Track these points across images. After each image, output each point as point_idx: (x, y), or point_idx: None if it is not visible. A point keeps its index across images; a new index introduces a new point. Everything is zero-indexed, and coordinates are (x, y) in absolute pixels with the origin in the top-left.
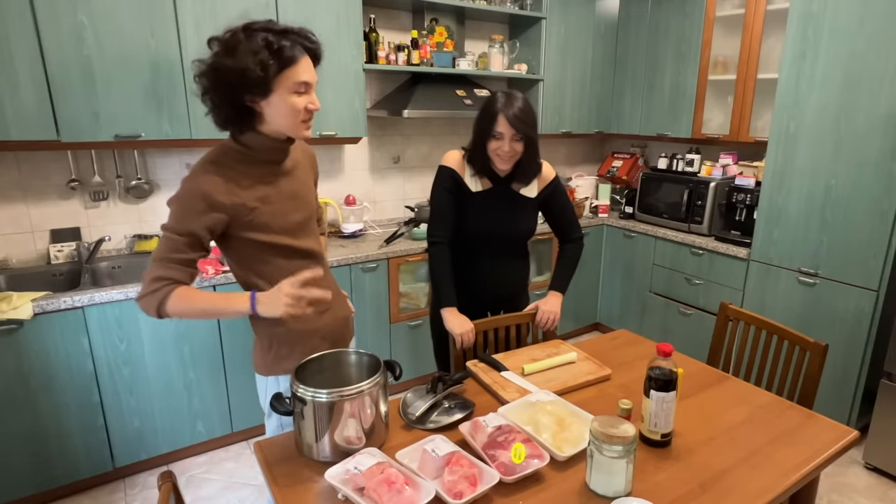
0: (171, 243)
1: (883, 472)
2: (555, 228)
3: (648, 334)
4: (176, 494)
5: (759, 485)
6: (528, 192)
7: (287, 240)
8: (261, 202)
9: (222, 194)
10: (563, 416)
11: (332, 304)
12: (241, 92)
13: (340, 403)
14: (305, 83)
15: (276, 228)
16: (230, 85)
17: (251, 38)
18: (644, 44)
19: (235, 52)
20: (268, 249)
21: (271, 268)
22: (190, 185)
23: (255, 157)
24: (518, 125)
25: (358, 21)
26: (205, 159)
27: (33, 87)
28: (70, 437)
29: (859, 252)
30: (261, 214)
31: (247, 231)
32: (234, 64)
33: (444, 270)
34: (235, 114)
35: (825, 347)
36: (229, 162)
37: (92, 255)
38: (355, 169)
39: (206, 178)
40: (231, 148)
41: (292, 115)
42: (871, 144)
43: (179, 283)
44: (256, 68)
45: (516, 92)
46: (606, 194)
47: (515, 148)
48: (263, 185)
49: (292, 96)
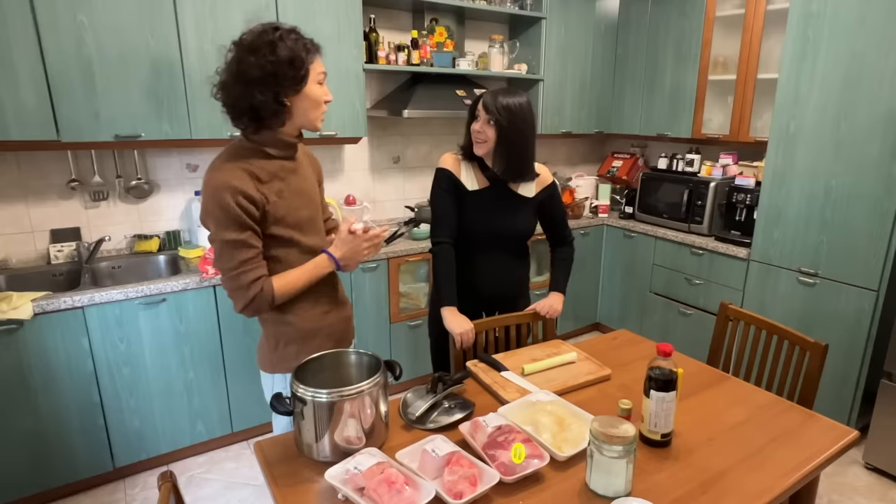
0: (234, 247)
1: (883, 472)
2: (548, 231)
3: (648, 334)
4: (176, 494)
5: (759, 485)
6: (526, 192)
7: (297, 235)
8: (278, 196)
9: (250, 187)
10: (563, 416)
11: (338, 302)
12: (281, 86)
13: (340, 403)
14: (324, 73)
15: (290, 222)
16: (272, 80)
17: (284, 37)
18: (644, 44)
19: (276, 48)
20: (281, 244)
21: (284, 265)
22: (217, 184)
23: (269, 153)
24: (491, 108)
25: (358, 21)
26: (221, 159)
27: (33, 87)
28: (70, 437)
29: (859, 252)
30: (278, 208)
31: (268, 225)
32: (280, 57)
33: (448, 270)
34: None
35: (825, 347)
36: (247, 156)
37: (92, 255)
38: (355, 169)
39: (230, 174)
40: (243, 146)
41: (318, 106)
42: (871, 145)
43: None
44: (300, 58)
45: (520, 91)
46: (606, 194)
47: (486, 131)
48: (278, 180)
49: (317, 87)
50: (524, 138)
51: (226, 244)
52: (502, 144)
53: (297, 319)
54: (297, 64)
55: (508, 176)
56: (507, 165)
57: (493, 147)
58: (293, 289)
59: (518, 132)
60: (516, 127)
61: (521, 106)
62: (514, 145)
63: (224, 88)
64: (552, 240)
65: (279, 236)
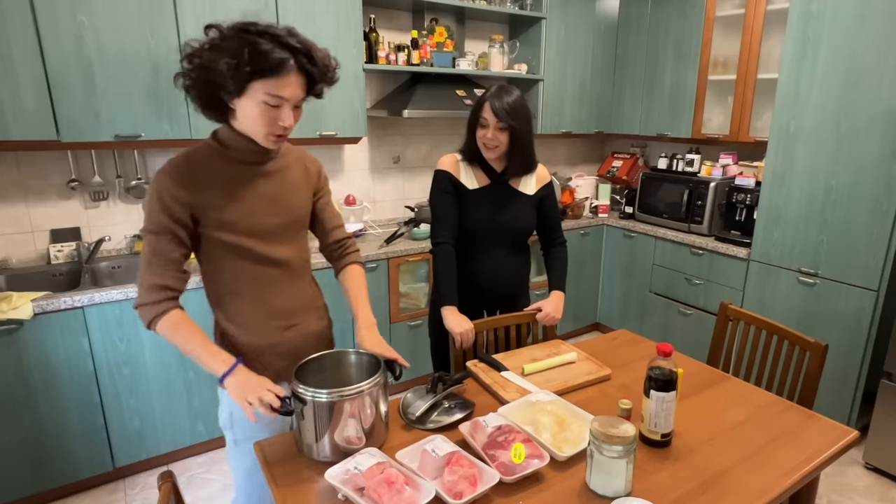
0: (152, 243)
1: (883, 472)
2: (542, 231)
3: (648, 334)
4: (176, 494)
5: (759, 485)
6: (526, 189)
7: (253, 243)
8: (229, 200)
9: (183, 188)
10: (563, 416)
11: (302, 318)
12: (214, 86)
13: (340, 403)
14: (279, 97)
15: (243, 229)
16: (205, 76)
17: (239, 38)
18: (644, 44)
19: (219, 47)
20: (233, 251)
21: (236, 275)
22: (157, 180)
23: (231, 156)
24: (502, 114)
25: (358, 21)
26: (176, 155)
27: (33, 87)
28: (70, 437)
29: (859, 252)
30: (227, 212)
31: (213, 229)
32: (210, 58)
33: (448, 270)
34: (210, 104)
35: (825, 347)
36: (200, 159)
37: (92, 255)
38: (355, 169)
39: (168, 173)
40: (208, 145)
41: (257, 124)
42: (871, 144)
43: (177, 298)
44: (226, 69)
45: (513, 86)
46: (606, 194)
47: (499, 137)
48: (236, 184)
49: (260, 105)
50: (531, 134)
51: (147, 238)
52: (516, 146)
53: (241, 333)
54: (222, 72)
55: (517, 172)
56: (518, 164)
57: (506, 150)
58: (174, 340)
59: (527, 131)
60: (526, 126)
61: (523, 103)
62: (525, 144)
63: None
64: (545, 241)
65: (229, 243)
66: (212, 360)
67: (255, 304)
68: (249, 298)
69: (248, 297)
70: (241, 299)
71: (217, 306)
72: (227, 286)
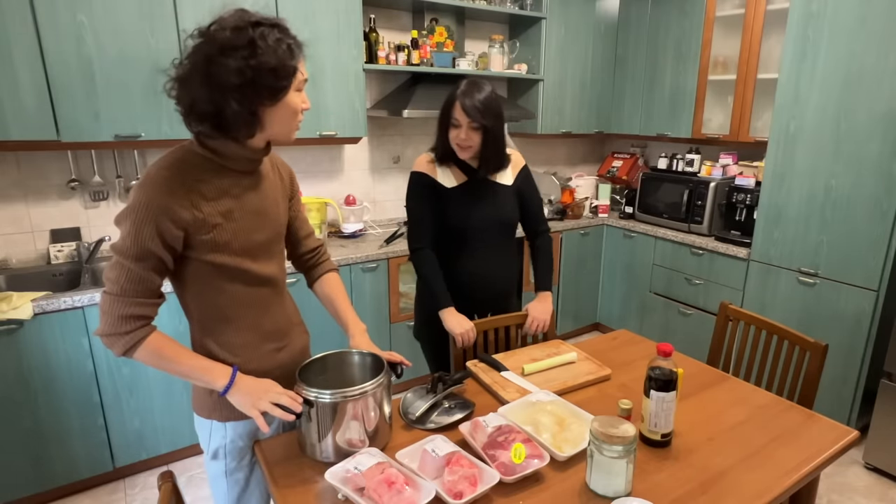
0: (129, 272)
1: (883, 472)
2: (524, 220)
3: (648, 334)
4: (176, 494)
5: (759, 485)
6: (504, 180)
7: (247, 263)
8: (224, 218)
9: (183, 207)
10: (563, 416)
11: (290, 337)
12: (258, 95)
13: (344, 404)
14: (306, 79)
15: (237, 249)
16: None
17: (266, 35)
18: (644, 44)
19: (257, 51)
20: (225, 274)
21: (227, 298)
22: (145, 195)
23: (224, 164)
24: (474, 114)
25: (358, 21)
26: (161, 164)
27: (33, 87)
28: (70, 437)
29: (859, 252)
30: (223, 232)
31: (204, 252)
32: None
33: (434, 273)
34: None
35: (825, 347)
36: (191, 169)
37: (92, 255)
38: (355, 169)
39: (159, 187)
40: (194, 152)
41: (295, 117)
42: (871, 144)
43: (151, 323)
44: (286, 67)
45: (483, 81)
46: (606, 194)
47: (473, 137)
48: (230, 198)
49: (296, 95)
50: (503, 130)
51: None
52: (489, 144)
53: (238, 362)
54: (282, 74)
55: (492, 170)
56: (491, 161)
57: (479, 149)
58: (160, 365)
59: (499, 128)
60: (498, 123)
61: (495, 97)
62: (497, 140)
63: (184, 86)
64: (530, 231)
65: (223, 265)
66: (208, 375)
67: (250, 329)
68: (244, 324)
69: (242, 323)
70: (234, 325)
71: (206, 334)
72: (218, 312)
